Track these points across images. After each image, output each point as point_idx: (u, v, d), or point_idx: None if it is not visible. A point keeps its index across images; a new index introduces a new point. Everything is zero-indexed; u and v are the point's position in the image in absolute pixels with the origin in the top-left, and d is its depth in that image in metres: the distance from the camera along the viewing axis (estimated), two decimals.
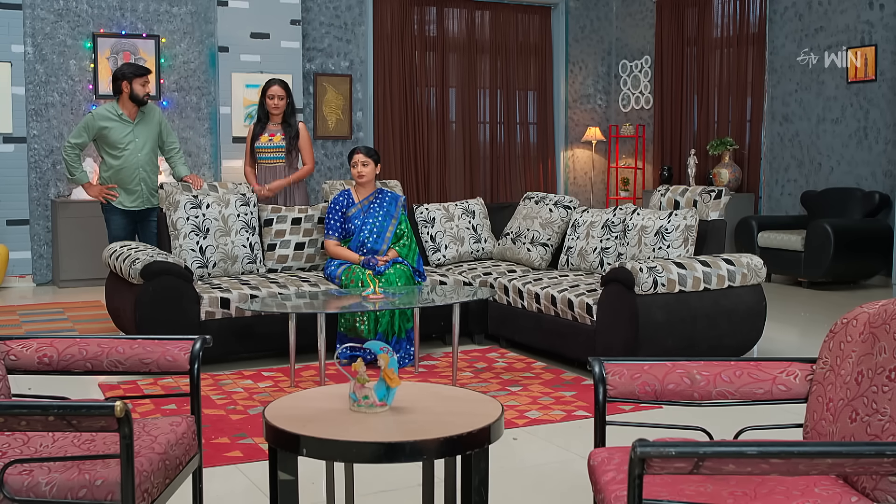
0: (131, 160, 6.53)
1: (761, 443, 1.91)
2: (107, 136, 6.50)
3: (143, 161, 6.57)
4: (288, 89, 6.92)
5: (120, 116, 6.52)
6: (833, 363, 2.47)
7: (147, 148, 6.60)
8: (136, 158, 6.54)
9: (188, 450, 2.79)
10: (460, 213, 6.87)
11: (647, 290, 5.05)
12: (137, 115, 6.57)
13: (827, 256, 8.41)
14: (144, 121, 6.60)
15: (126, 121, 6.53)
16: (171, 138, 6.80)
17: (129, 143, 6.52)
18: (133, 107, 6.54)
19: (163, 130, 6.73)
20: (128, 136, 6.53)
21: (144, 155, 6.58)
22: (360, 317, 5.61)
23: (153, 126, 6.65)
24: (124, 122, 6.52)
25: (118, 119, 6.51)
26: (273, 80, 6.96)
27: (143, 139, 6.58)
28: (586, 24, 11.93)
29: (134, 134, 6.55)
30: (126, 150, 6.52)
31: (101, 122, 6.48)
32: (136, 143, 6.55)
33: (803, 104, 9.72)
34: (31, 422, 2.22)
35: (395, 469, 3.65)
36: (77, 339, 3.04)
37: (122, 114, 6.53)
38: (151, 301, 5.39)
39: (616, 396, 2.71)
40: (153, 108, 6.74)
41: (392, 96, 10.80)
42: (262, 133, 6.91)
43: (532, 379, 5.36)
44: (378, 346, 2.76)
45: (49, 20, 9.07)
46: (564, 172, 11.98)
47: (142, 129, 6.59)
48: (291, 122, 6.91)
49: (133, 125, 6.55)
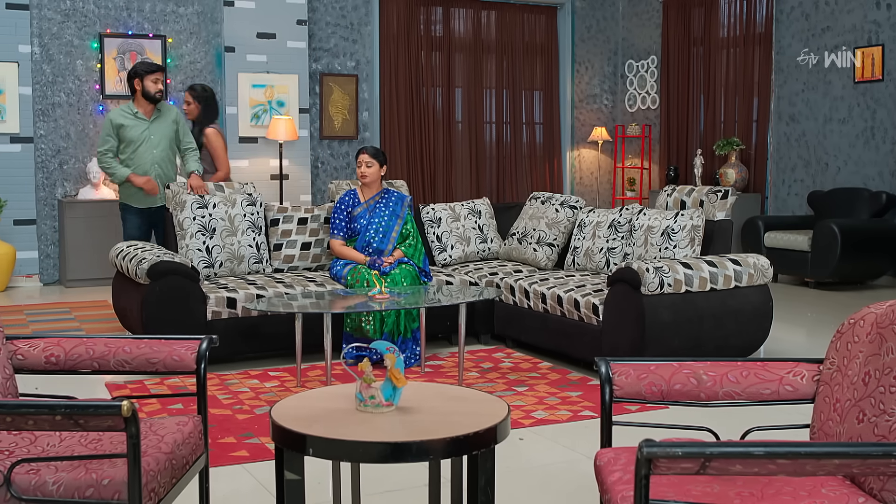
0: (146, 157, 6.54)
1: (768, 443, 1.91)
2: (123, 134, 6.53)
3: (157, 158, 6.58)
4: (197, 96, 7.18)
5: (135, 115, 6.53)
6: (840, 364, 2.46)
7: (162, 146, 6.61)
8: (150, 156, 6.55)
9: (195, 449, 2.79)
10: (466, 213, 6.87)
11: (653, 290, 5.04)
12: (153, 113, 6.58)
13: (834, 257, 8.39)
14: (160, 119, 6.62)
15: (142, 119, 6.55)
16: (188, 137, 6.81)
17: (144, 140, 6.55)
18: (148, 105, 6.56)
19: (179, 129, 6.73)
20: (143, 133, 6.55)
21: (159, 153, 6.59)
22: (366, 317, 5.61)
23: (169, 124, 6.66)
24: (140, 120, 6.54)
25: (133, 117, 6.53)
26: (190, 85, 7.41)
27: (159, 137, 6.59)
28: (592, 24, 11.92)
29: (149, 132, 6.57)
30: (140, 147, 6.54)
31: (118, 121, 6.52)
32: (151, 140, 6.57)
33: (810, 104, 9.70)
34: (39, 421, 2.22)
35: (402, 469, 3.65)
36: (84, 338, 3.04)
37: (137, 112, 6.54)
38: (158, 301, 5.40)
39: (622, 397, 2.71)
40: (170, 107, 6.76)
41: (398, 96, 10.80)
42: None
43: (538, 379, 5.35)
44: (384, 346, 2.76)
45: (56, 20, 9.09)
46: (570, 172, 11.97)
47: (157, 127, 6.61)
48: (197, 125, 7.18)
49: (149, 123, 6.58)
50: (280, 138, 9.35)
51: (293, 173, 9.75)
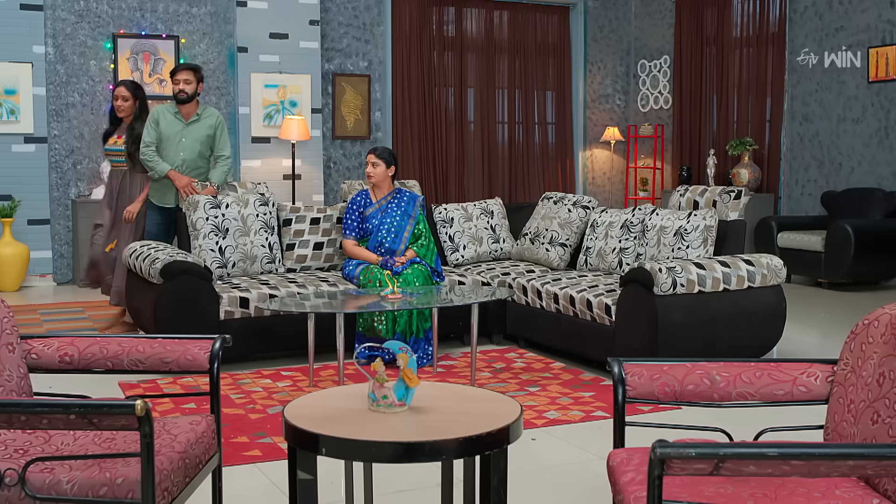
0: (173, 158, 6.42)
1: (782, 444, 1.90)
2: (160, 131, 6.44)
3: (181, 161, 6.44)
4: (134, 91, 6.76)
5: (175, 115, 6.44)
6: (854, 364, 2.45)
7: (193, 151, 6.43)
8: (177, 158, 6.41)
9: (208, 449, 2.80)
10: (479, 214, 6.87)
11: (666, 290, 5.03)
12: (192, 116, 6.45)
13: (847, 257, 8.35)
14: (197, 123, 6.45)
15: (179, 120, 6.41)
16: (222, 146, 6.53)
17: (177, 141, 6.42)
18: (187, 107, 6.43)
19: (216, 136, 6.51)
20: (177, 134, 6.42)
21: (186, 156, 6.38)
22: (378, 317, 5.61)
23: (205, 130, 6.47)
24: (177, 121, 6.41)
25: (173, 116, 6.44)
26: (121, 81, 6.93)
27: (191, 141, 6.43)
28: (605, 23, 11.91)
29: (182, 134, 6.42)
30: (168, 147, 6.41)
31: (158, 115, 6.42)
32: (183, 143, 6.40)
33: (823, 104, 9.66)
34: (53, 420, 2.23)
35: (414, 469, 3.65)
36: (98, 338, 3.05)
37: (177, 112, 6.45)
38: (171, 300, 5.41)
39: (635, 397, 2.71)
40: (212, 113, 6.55)
41: (410, 96, 10.81)
42: (112, 134, 6.84)
43: (551, 379, 5.35)
44: (397, 346, 2.76)
45: (70, 21, 9.12)
46: (583, 172, 11.96)
47: (191, 131, 6.44)
48: (136, 126, 6.60)
49: (184, 125, 6.43)
50: (292, 138, 9.37)
51: (306, 173, 9.77)
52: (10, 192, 8.79)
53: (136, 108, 6.68)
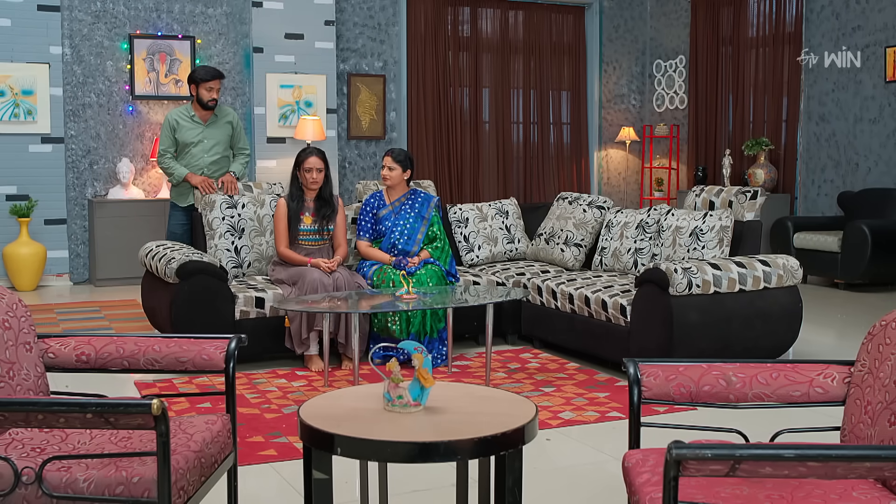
0: (197, 161, 6.53)
1: (798, 445, 1.90)
2: (178, 135, 6.54)
3: (208, 162, 6.56)
4: (325, 159, 5.89)
5: (192, 118, 6.56)
6: (871, 366, 2.44)
7: (215, 151, 6.60)
8: (201, 159, 6.54)
9: (223, 448, 2.81)
10: (494, 214, 6.86)
11: (681, 291, 5.02)
12: (210, 117, 6.60)
13: (864, 258, 8.31)
14: (216, 123, 6.62)
15: (198, 122, 6.56)
16: (242, 143, 6.78)
17: (198, 143, 6.54)
18: (204, 110, 6.58)
19: (234, 133, 6.72)
20: (197, 136, 6.55)
21: (213, 156, 6.56)
22: (392, 317, 5.62)
23: (223, 128, 6.66)
24: (196, 123, 6.55)
25: (190, 120, 6.55)
26: (310, 150, 5.88)
27: (212, 142, 6.59)
28: (620, 23, 11.88)
29: (203, 135, 6.58)
30: (194, 150, 6.54)
31: (175, 120, 6.55)
32: (204, 144, 6.56)
33: (840, 104, 9.62)
34: (70, 419, 2.24)
35: (429, 469, 3.65)
36: (114, 337, 3.06)
37: (193, 115, 6.57)
38: (187, 300, 5.43)
39: (651, 398, 2.70)
40: (228, 111, 6.75)
41: (426, 96, 10.81)
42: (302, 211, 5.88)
43: (565, 380, 5.34)
44: (412, 346, 2.77)
45: (86, 22, 9.16)
46: (598, 173, 11.94)
47: (212, 132, 6.61)
48: (327, 197, 5.88)
49: (204, 127, 6.59)
50: (308, 138, 9.38)
51: None
52: (27, 192, 8.83)
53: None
